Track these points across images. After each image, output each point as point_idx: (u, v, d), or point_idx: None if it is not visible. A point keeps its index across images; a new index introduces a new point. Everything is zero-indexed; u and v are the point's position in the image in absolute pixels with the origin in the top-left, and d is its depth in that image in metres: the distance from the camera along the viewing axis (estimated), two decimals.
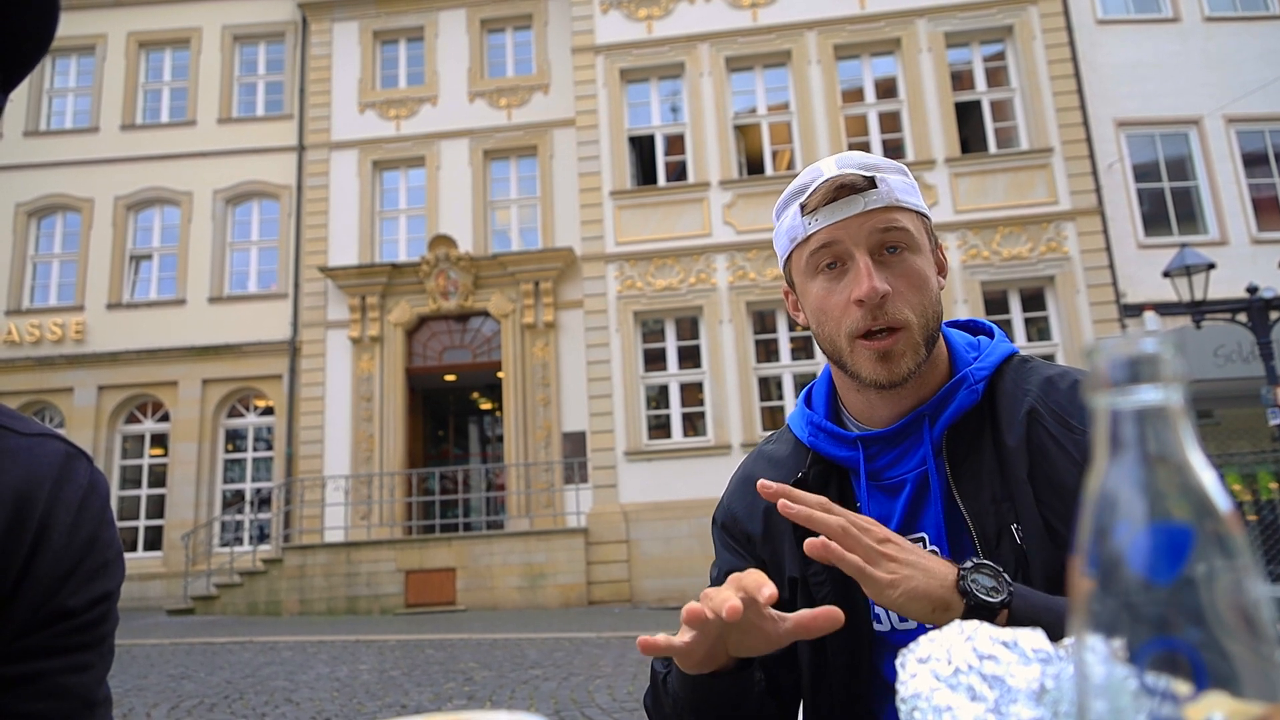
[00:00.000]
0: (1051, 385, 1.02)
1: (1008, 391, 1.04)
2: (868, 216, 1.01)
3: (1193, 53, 14.03)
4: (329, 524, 13.89)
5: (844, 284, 1.02)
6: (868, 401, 1.07)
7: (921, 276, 1.02)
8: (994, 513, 0.99)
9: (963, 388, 1.04)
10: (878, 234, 1.01)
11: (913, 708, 0.59)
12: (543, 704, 5.47)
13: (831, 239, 1.02)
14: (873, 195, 1.01)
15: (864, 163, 1.04)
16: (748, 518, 1.14)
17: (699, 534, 12.19)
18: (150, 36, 16.96)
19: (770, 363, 13.44)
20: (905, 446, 1.06)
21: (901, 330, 1.00)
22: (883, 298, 0.99)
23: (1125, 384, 0.35)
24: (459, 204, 15.42)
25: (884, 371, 1.01)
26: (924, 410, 1.04)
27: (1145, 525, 0.34)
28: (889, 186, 1.02)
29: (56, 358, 15.40)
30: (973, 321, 1.19)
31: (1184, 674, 0.32)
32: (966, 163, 13.70)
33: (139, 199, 16.23)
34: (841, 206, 1.01)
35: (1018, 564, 0.97)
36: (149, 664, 7.58)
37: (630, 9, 14.70)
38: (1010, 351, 1.09)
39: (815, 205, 1.02)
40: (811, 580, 1.06)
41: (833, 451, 1.09)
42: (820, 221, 1.02)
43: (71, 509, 0.73)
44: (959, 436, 1.03)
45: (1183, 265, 10.25)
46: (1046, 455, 0.98)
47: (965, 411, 1.03)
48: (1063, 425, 0.99)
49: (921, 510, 1.04)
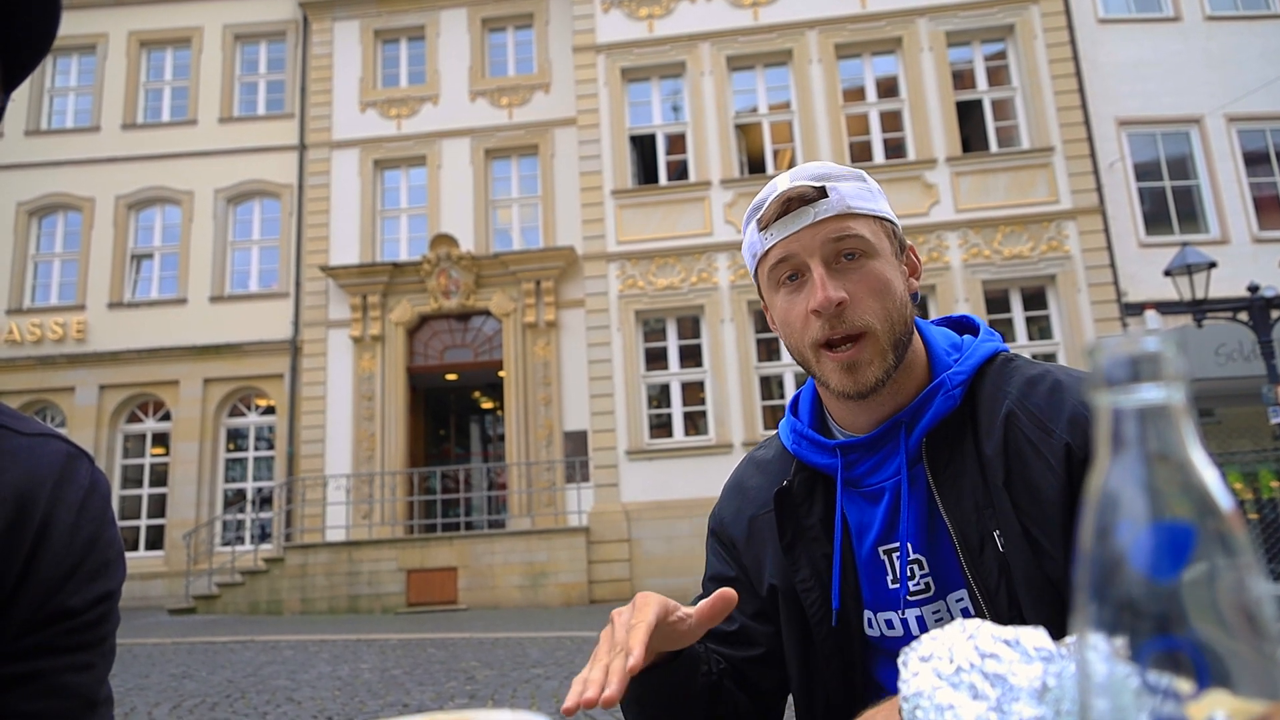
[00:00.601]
0: (1031, 387, 1.00)
1: (988, 394, 1.02)
2: (819, 226, 1.00)
3: (1194, 52, 14.02)
4: (330, 523, 13.90)
5: (803, 295, 1.02)
6: (847, 408, 1.07)
7: (882, 281, 1.01)
8: (976, 520, 0.97)
9: (939, 394, 1.02)
10: (831, 243, 1.00)
11: (915, 706, 0.59)
12: (544, 703, 5.47)
13: (787, 253, 1.02)
14: (823, 205, 1.00)
15: (817, 173, 1.04)
16: (733, 523, 1.15)
17: (700, 533, 12.12)
18: (151, 36, 16.97)
19: (772, 361, 13.44)
20: (885, 453, 1.05)
21: (864, 337, 0.99)
22: (839, 306, 0.98)
23: (1127, 383, 0.35)
24: (460, 203, 15.42)
25: (850, 381, 1.00)
26: (901, 418, 1.03)
27: (1147, 524, 0.34)
28: (840, 195, 1.01)
29: (58, 357, 15.41)
30: (963, 318, 1.17)
31: (1186, 672, 0.32)
32: (968, 162, 13.69)
33: (140, 198, 16.24)
34: (793, 219, 1.01)
35: (1000, 571, 0.95)
36: (150, 663, 7.59)
37: (631, 8, 14.69)
38: (992, 352, 1.06)
39: (769, 220, 1.03)
40: (799, 588, 1.06)
41: (813, 459, 1.08)
42: (775, 235, 1.02)
43: (73, 509, 0.73)
44: (940, 442, 1.02)
45: (1184, 264, 10.24)
46: (1023, 460, 0.96)
47: (944, 417, 1.02)
48: (1040, 429, 0.96)
49: (900, 519, 1.03)
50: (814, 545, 1.06)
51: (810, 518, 1.07)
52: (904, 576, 1.02)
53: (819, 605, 1.05)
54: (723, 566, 1.15)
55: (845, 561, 1.05)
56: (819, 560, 1.06)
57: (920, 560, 1.01)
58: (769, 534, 1.10)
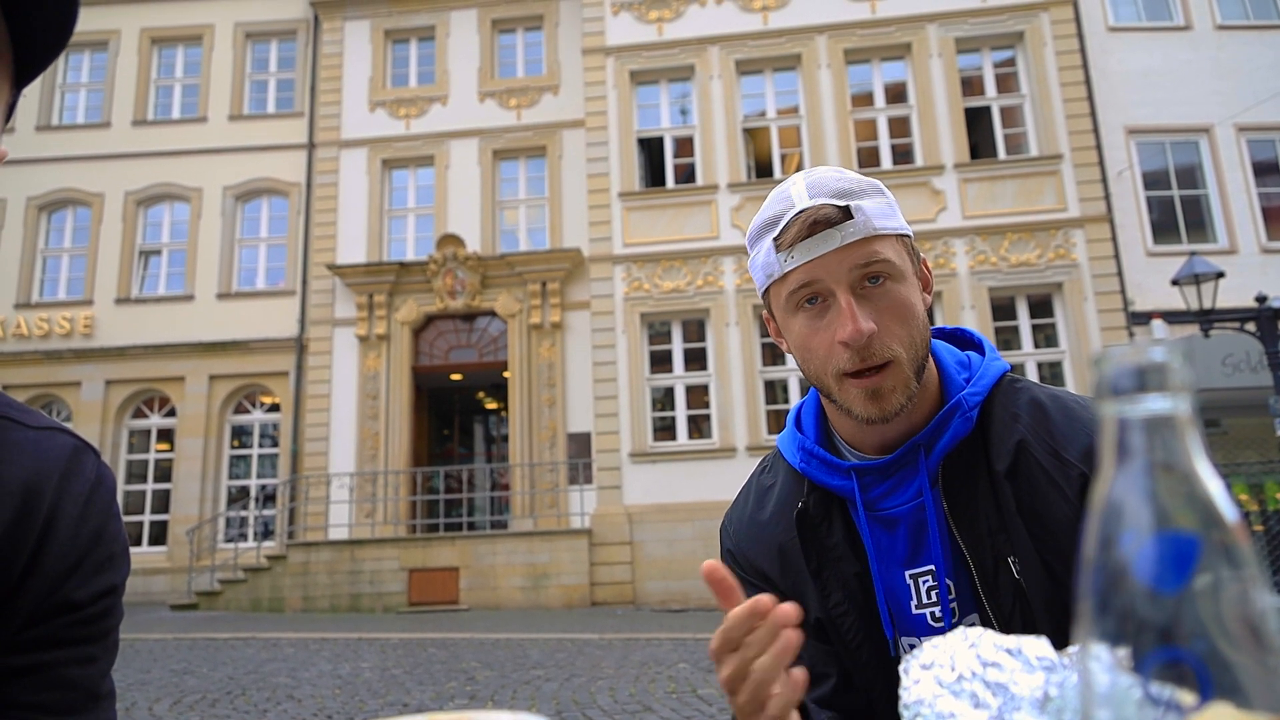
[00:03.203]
0: (1044, 413, 0.98)
1: (998, 417, 1.00)
2: (846, 251, 0.95)
3: (1204, 61, 13.99)
4: (333, 521, 13.92)
5: (827, 322, 0.97)
6: (858, 428, 1.03)
7: (907, 306, 0.97)
8: (990, 545, 0.96)
9: (957, 415, 0.99)
10: (858, 269, 0.95)
11: (916, 714, 0.59)
12: (544, 704, 5.46)
13: (810, 278, 0.96)
14: (849, 228, 0.94)
15: (837, 189, 0.98)
16: (760, 556, 1.09)
17: (703, 536, 12.18)
18: (163, 33, 17.04)
19: (776, 366, 13.43)
20: (900, 477, 1.02)
21: (890, 365, 0.96)
22: (869, 337, 0.94)
23: (1133, 392, 0.35)
24: (467, 203, 15.44)
25: (875, 408, 0.97)
26: (919, 440, 1.00)
27: (1151, 534, 0.34)
28: (865, 215, 0.95)
29: (65, 352, 15.46)
30: (959, 331, 1.13)
31: (1189, 684, 0.32)
32: (976, 168, 13.67)
33: (149, 194, 16.29)
34: (818, 243, 0.95)
35: (1015, 596, 0.94)
36: (152, 658, 7.60)
37: (641, 11, 14.71)
38: (1001, 371, 1.04)
39: (791, 242, 0.96)
40: (834, 613, 1.03)
41: (826, 480, 1.04)
42: (797, 259, 0.96)
43: (78, 502, 0.73)
44: (953, 466, 1.00)
45: (1191, 274, 10.20)
46: (1036, 488, 0.95)
47: (960, 440, 1.00)
48: (1054, 458, 0.95)
49: (924, 543, 1.00)
50: (841, 565, 1.03)
51: (832, 537, 1.04)
52: (944, 598, 0.99)
53: (854, 630, 1.01)
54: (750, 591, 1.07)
55: (869, 587, 1.02)
56: (850, 580, 1.02)
57: (950, 585, 0.99)
58: (801, 565, 1.05)
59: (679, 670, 6.69)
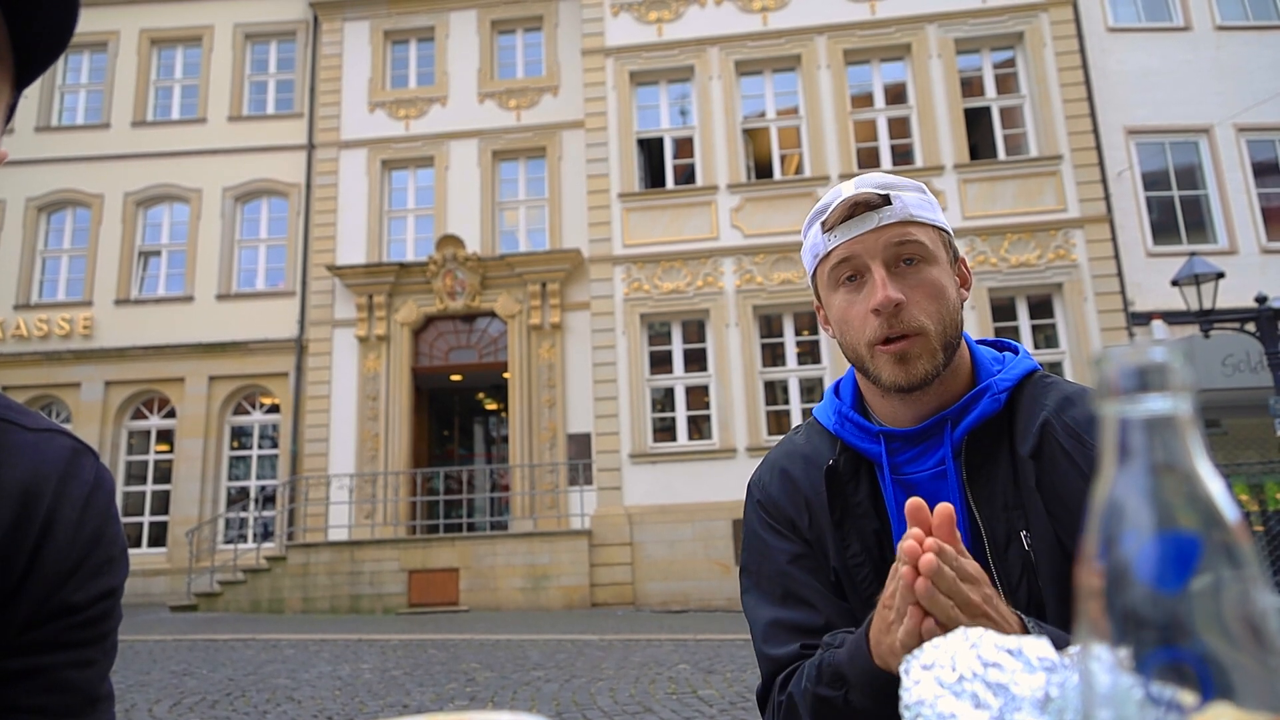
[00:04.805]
0: (1069, 401, 1.06)
1: (1026, 405, 1.08)
2: (883, 231, 1.07)
3: (1204, 61, 14.00)
4: (333, 522, 13.91)
5: (863, 295, 1.08)
6: (891, 405, 1.11)
7: (937, 287, 1.07)
8: (1005, 519, 1.02)
9: (986, 396, 1.08)
10: (893, 247, 1.06)
11: (917, 714, 0.59)
12: (544, 705, 5.46)
13: (850, 253, 1.08)
14: (887, 211, 1.07)
15: (881, 182, 1.10)
16: (790, 506, 1.16)
17: (703, 537, 12.18)
18: (162, 34, 17.04)
19: (776, 367, 13.43)
20: (925, 446, 1.10)
21: (918, 335, 1.05)
22: (897, 306, 1.04)
23: (1133, 392, 0.35)
24: (467, 204, 15.45)
25: (901, 374, 1.05)
26: (947, 414, 1.08)
27: (1152, 534, 0.34)
28: (903, 203, 1.08)
29: (64, 353, 15.46)
30: (1000, 341, 1.23)
31: (1190, 684, 0.32)
32: (975, 169, 13.68)
33: (149, 195, 16.29)
34: (858, 223, 1.07)
35: (1024, 570, 1.00)
36: (151, 660, 7.60)
37: (640, 12, 14.71)
38: (1033, 367, 1.13)
39: (834, 223, 1.09)
40: (850, 562, 1.09)
41: (856, 442, 1.12)
42: (839, 238, 1.09)
43: (77, 505, 0.73)
44: (977, 443, 1.07)
45: (1191, 274, 10.21)
46: (1056, 467, 1.01)
47: (986, 419, 1.07)
48: (1075, 439, 1.02)
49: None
50: (863, 521, 1.10)
51: (858, 495, 1.11)
52: None
53: (868, 581, 1.07)
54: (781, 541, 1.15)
55: (887, 545, 1.08)
56: (869, 536, 1.09)
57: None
58: (825, 519, 1.12)
59: (679, 671, 6.68)
